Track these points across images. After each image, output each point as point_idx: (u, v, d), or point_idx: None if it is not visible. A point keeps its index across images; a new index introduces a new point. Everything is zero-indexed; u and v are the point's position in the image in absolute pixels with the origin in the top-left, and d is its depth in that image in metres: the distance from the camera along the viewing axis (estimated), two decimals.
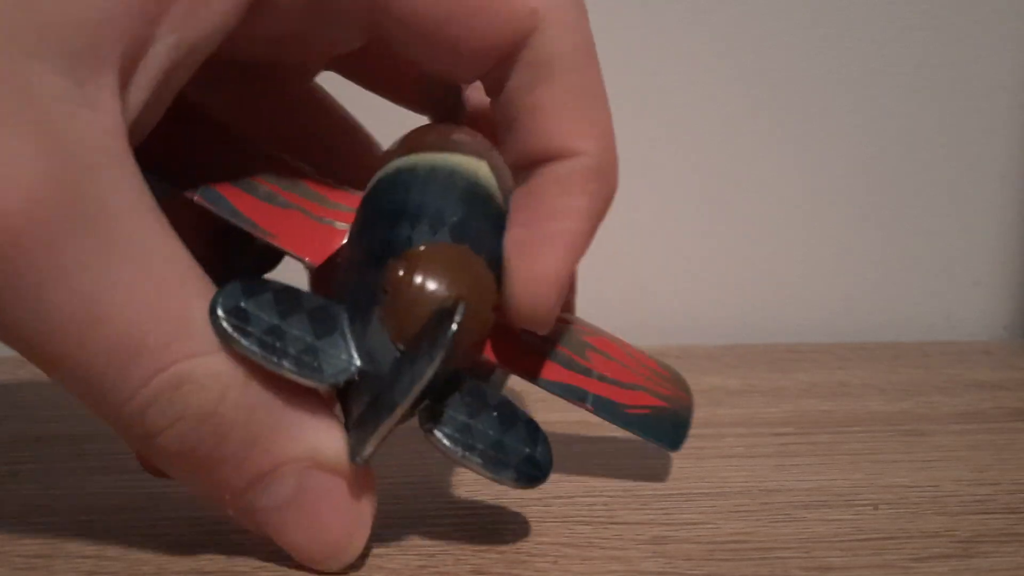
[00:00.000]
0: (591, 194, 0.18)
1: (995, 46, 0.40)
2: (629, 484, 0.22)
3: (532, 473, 0.18)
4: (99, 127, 0.15)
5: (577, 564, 0.18)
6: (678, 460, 0.24)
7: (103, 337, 0.15)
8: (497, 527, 0.20)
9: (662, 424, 0.21)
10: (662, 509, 0.21)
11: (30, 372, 0.32)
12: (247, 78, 0.21)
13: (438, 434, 0.17)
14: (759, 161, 0.40)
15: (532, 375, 0.20)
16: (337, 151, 0.23)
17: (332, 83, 0.23)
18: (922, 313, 0.41)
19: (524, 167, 0.18)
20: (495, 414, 0.18)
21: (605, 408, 0.20)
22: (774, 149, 0.40)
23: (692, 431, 0.26)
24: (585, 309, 0.24)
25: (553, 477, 0.23)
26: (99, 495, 0.21)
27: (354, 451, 0.16)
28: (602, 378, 0.20)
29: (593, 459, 0.24)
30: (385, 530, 0.19)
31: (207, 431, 0.16)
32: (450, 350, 0.16)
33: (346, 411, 0.17)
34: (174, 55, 0.16)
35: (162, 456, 0.17)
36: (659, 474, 0.23)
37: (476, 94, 0.22)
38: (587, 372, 0.20)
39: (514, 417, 0.18)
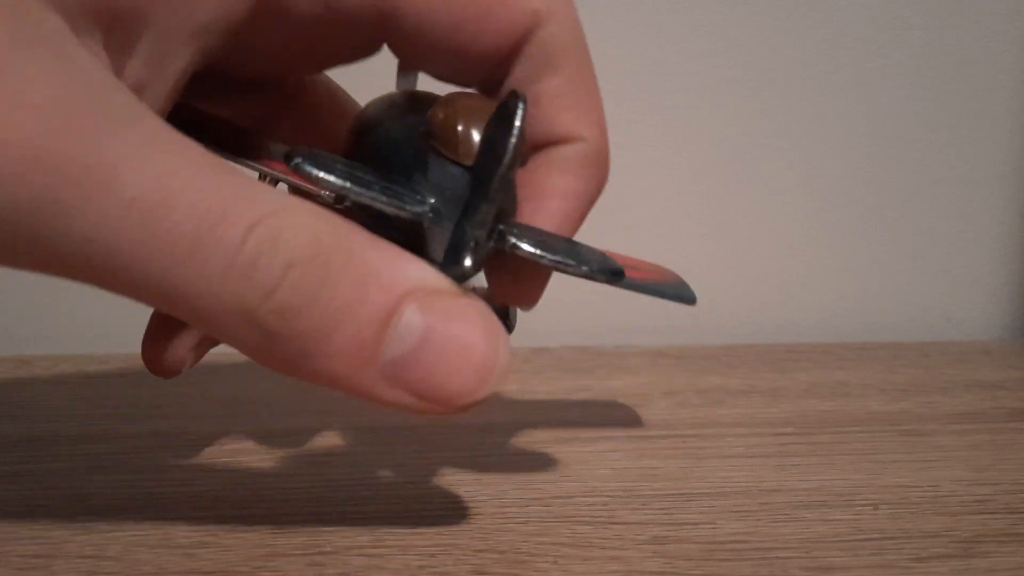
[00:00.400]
0: (588, 177, 0.19)
1: (995, 46, 0.40)
2: (629, 484, 0.22)
3: (613, 267, 0.19)
4: (99, 64, 0.15)
5: (577, 564, 0.18)
6: (678, 460, 0.24)
7: (184, 210, 0.14)
8: (497, 527, 0.20)
9: (671, 286, 0.22)
10: (662, 509, 0.21)
11: (30, 372, 0.32)
12: (250, 81, 0.21)
13: (521, 244, 0.18)
14: (759, 161, 0.40)
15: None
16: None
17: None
18: (922, 313, 0.41)
19: None
20: (560, 238, 0.19)
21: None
22: (774, 149, 0.40)
23: (692, 431, 0.26)
24: (584, 309, 0.24)
25: (553, 477, 0.23)
26: (99, 495, 0.21)
27: (457, 263, 0.17)
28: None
29: (593, 459, 0.24)
30: (385, 530, 0.19)
31: (319, 273, 0.15)
32: (524, 128, 0.17)
33: (428, 251, 0.18)
34: (176, 31, 0.16)
35: (285, 324, 0.15)
36: (659, 474, 0.23)
37: None
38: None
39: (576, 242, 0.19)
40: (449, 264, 0.17)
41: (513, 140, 0.17)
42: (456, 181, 0.18)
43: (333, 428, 0.26)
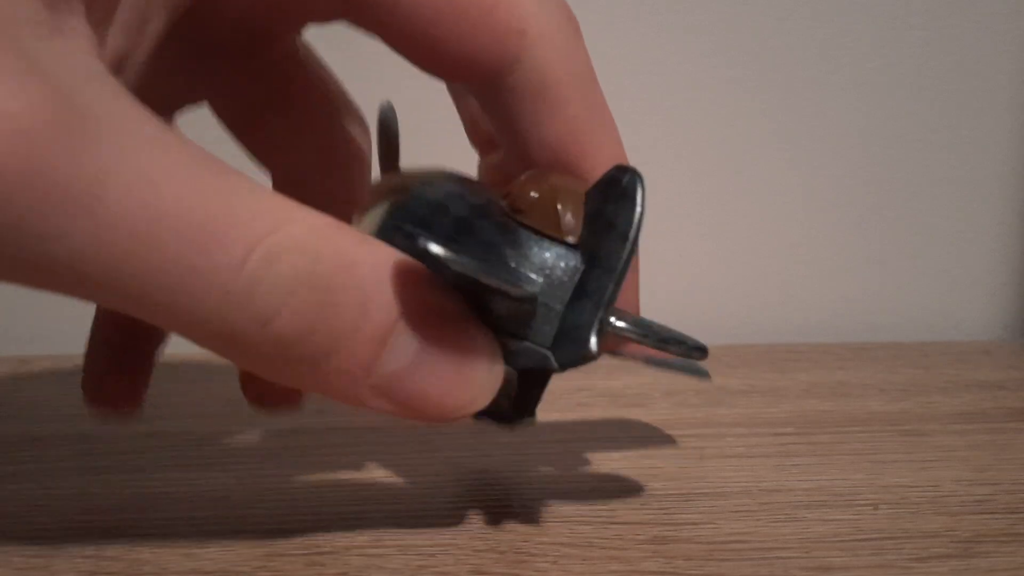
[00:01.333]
0: None
1: (995, 46, 0.40)
2: (629, 484, 0.22)
3: (700, 343, 0.19)
4: (75, 49, 0.14)
5: (577, 564, 0.18)
6: (678, 460, 0.24)
7: (174, 230, 0.13)
8: (497, 527, 0.20)
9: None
10: (662, 509, 0.21)
11: (30, 372, 0.32)
12: (224, 37, 0.20)
13: (619, 323, 0.17)
14: (759, 161, 0.40)
15: None
16: (318, 119, 0.22)
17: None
18: (922, 313, 0.41)
19: None
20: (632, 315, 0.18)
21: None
22: (774, 149, 0.40)
23: (692, 431, 0.26)
24: None
25: (553, 476, 0.23)
26: (99, 495, 0.21)
27: (582, 345, 0.16)
28: None
29: (593, 459, 0.24)
30: (385, 530, 0.19)
31: (321, 299, 0.15)
32: (645, 197, 0.16)
33: (531, 332, 0.17)
34: (148, 1, 0.15)
35: (282, 350, 0.15)
36: (659, 474, 0.23)
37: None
38: None
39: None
40: (570, 346, 0.16)
41: (637, 219, 0.17)
42: (562, 260, 0.17)
43: (332, 428, 0.26)
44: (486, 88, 0.18)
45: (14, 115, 0.12)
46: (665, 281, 0.40)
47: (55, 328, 0.38)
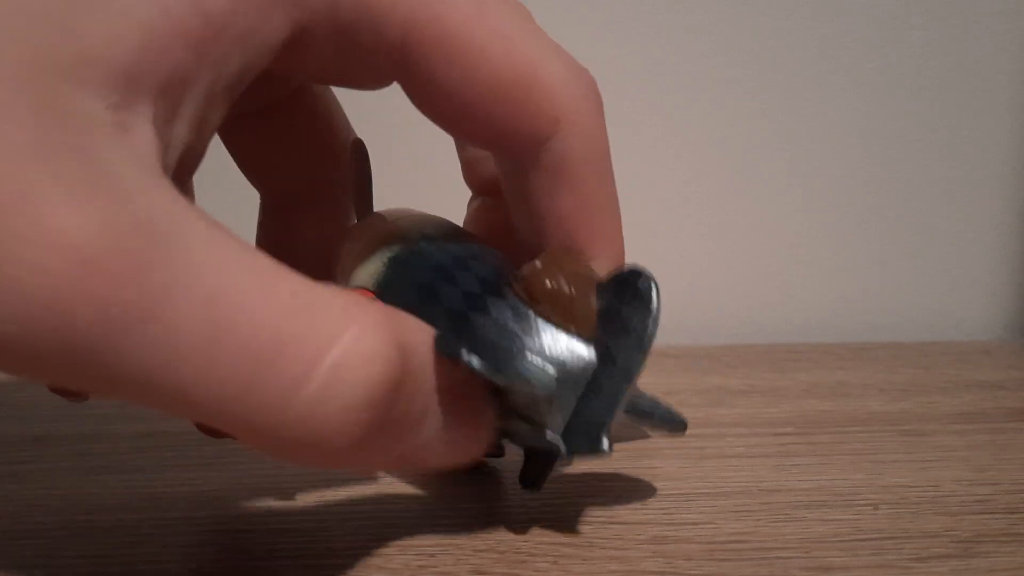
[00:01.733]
0: None
1: (995, 46, 0.40)
2: (629, 484, 0.22)
3: (680, 417, 0.22)
4: (139, 153, 0.14)
5: (577, 564, 0.18)
6: (678, 460, 0.24)
7: (236, 347, 0.13)
8: (497, 527, 0.20)
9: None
10: (662, 509, 0.21)
11: None
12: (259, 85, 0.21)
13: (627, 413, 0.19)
14: (759, 161, 0.40)
15: None
16: (319, 157, 0.23)
17: None
18: (922, 313, 0.41)
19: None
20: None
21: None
22: (774, 149, 0.40)
23: (692, 431, 0.26)
24: None
25: (553, 477, 0.23)
26: (99, 495, 0.21)
27: (599, 442, 0.17)
28: None
29: (593, 459, 0.24)
30: (385, 530, 0.19)
31: (380, 404, 0.15)
32: (660, 311, 0.17)
33: (543, 419, 0.18)
34: (214, 90, 0.15)
35: (338, 456, 0.15)
36: (659, 474, 0.23)
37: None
38: None
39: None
40: (583, 440, 0.17)
41: (652, 325, 0.17)
42: (576, 353, 0.18)
43: None
44: (510, 165, 0.19)
45: (78, 245, 0.12)
46: (665, 281, 0.40)
47: None
